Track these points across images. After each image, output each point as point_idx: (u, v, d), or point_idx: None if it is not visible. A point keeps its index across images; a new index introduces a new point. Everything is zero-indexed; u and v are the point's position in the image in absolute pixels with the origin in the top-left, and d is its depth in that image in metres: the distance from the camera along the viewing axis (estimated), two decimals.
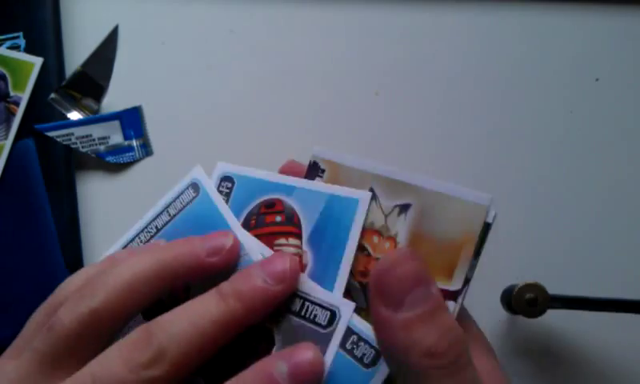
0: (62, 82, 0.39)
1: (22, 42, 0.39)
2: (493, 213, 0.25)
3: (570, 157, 0.41)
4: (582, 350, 0.39)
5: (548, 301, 0.35)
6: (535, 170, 0.41)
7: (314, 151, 0.28)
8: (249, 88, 0.41)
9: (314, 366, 0.23)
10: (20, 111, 0.38)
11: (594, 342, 0.39)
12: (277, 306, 0.24)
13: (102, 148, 0.39)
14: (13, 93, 0.39)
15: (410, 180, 0.25)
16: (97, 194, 0.40)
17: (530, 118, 0.41)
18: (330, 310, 0.25)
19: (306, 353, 0.23)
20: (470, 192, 0.25)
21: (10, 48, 0.39)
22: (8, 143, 0.38)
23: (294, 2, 0.42)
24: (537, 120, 0.41)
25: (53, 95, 0.39)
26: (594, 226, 0.40)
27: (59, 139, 0.38)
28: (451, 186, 0.25)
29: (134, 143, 0.40)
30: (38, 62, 0.39)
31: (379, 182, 0.26)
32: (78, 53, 0.40)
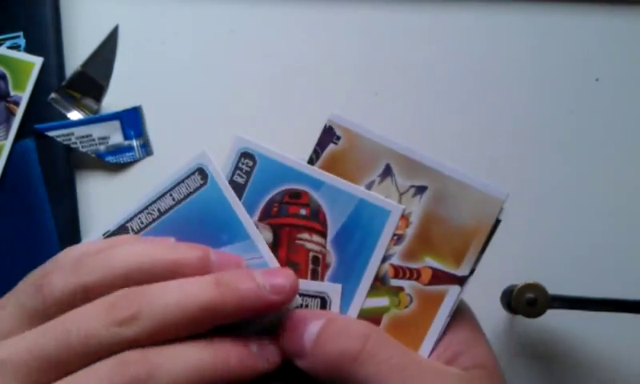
0: (62, 82, 0.39)
1: (22, 41, 0.39)
2: (504, 209, 0.25)
3: (570, 157, 0.41)
4: (582, 350, 0.39)
5: (548, 301, 0.35)
6: (535, 170, 0.41)
7: (331, 116, 0.27)
8: (249, 88, 0.41)
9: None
10: (20, 111, 0.38)
11: (593, 341, 0.39)
12: (264, 313, 0.24)
13: (102, 148, 0.39)
14: (13, 93, 0.39)
15: (429, 163, 0.25)
16: (97, 194, 0.40)
17: (530, 118, 0.41)
18: (320, 297, 0.25)
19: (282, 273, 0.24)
20: (489, 184, 0.25)
21: (10, 48, 0.39)
22: (8, 143, 0.38)
23: (294, 2, 0.42)
24: (537, 120, 0.41)
25: (53, 95, 0.39)
26: (594, 226, 0.40)
27: (59, 139, 0.38)
28: (470, 175, 0.25)
29: (134, 143, 0.40)
30: (38, 61, 0.39)
31: (396, 159, 0.25)
32: (78, 53, 0.40)
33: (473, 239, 0.25)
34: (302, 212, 0.25)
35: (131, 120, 0.40)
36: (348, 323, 0.24)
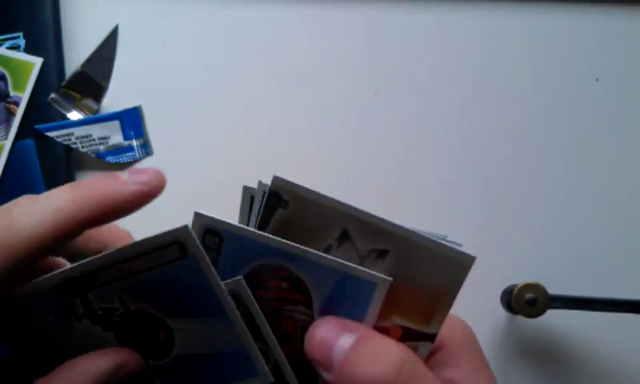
0: (62, 82, 0.39)
1: (21, 41, 0.39)
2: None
3: (570, 157, 0.41)
4: (582, 350, 0.39)
5: (548, 301, 0.35)
6: (535, 170, 0.41)
7: (275, 178, 0.24)
8: (249, 88, 0.41)
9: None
10: (20, 111, 0.38)
11: (593, 342, 0.39)
12: (131, 206, 0.23)
13: (102, 148, 0.39)
14: (13, 93, 0.39)
15: (389, 227, 0.23)
16: None
17: (530, 117, 0.41)
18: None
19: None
20: (454, 248, 0.23)
21: (10, 48, 0.39)
22: (8, 143, 0.38)
23: (294, 2, 0.42)
24: (537, 120, 0.41)
25: (53, 95, 0.39)
26: (594, 226, 0.40)
27: (59, 139, 0.38)
28: (433, 239, 0.23)
29: (134, 143, 0.40)
30: (37, 62, 0.39)
31: (353, 223, 0.24)
32: (78, 53, 0.40)
33: (441, 301, 0.24)
34: (284, 285, 0.24)
35: (131, 120, 0.40)
36: (383, 345, 0.23)
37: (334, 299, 0.24)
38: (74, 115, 0.39)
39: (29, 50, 0.39)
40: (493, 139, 0.41)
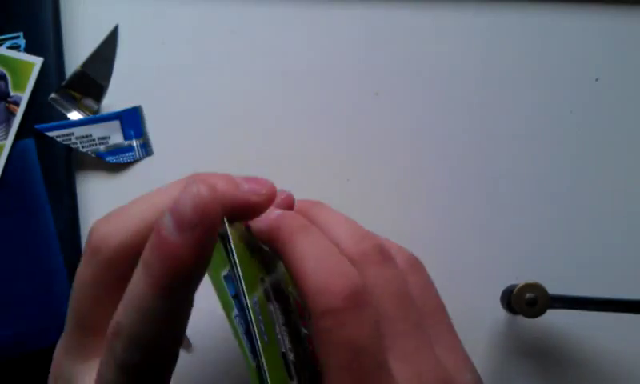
0: (62, 82, 0.39)
1: (22, 41, 0.39)
2: None
3: (570, 157, 0.41)
4: (582, 350, 0.39)
5: (548, 301, 0.35)
6: (535, 170, 0.41)
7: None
8: (249, 88, 0.41)
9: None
10: (20, 111, 0.38)
11: (594, 342, 0.39)
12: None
13: (102, 148, 0.39)
14: (13, 93, 0.39)
15: None
16: (97, 194, 0.40)
17: (530, 118, 0.41)
18: None
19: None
20: None
21: (10, 48, 0.39)
22: (8, 143, 0.38)
23: (294, 2, 0.42)
24: (537, 120, 0.41)
25: (53, 95, 0.39)
26: (594, 226, 0.40)
27: (59, 139, 0.38)
28: None
29: (134, 143, 0.40)
30: (38, 62, 0.39)
31: None
32: (78, 53, 0.40)
33: None
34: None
35: (131, 120, 0.40)
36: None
37: None
38: (74, 115, 0.39)
39: (29, 50, 0.39)
40: (493, 139, 0.41)
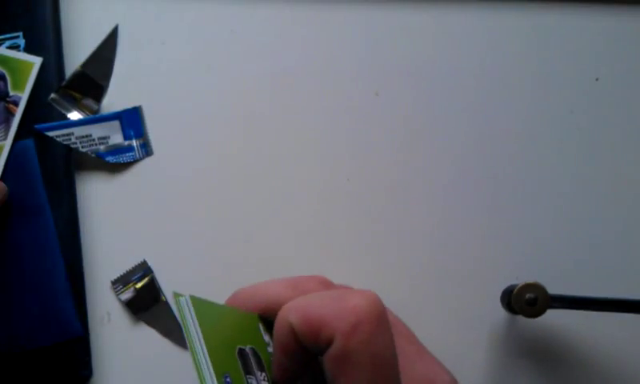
0: (62, 82, 0.39)
1: (21, 41, 0.39)
2: None
3: (570, 157, 0.41)
4: (582, 350, 0.39)
5: (548, 301, 0.35)
6: (535, 170, 0.41)
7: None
8: (249, 88, 0.41)
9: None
10: (19, 111, 0.38)
11: (594, 342, 0.39)
12: None
13: (101, 148, 0.39)
14: (12, 93, 0.39)
15: None
16: (97, 194, 0.40)
17: (530, 118, 0.41)
18: None
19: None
20: None
21: (10, 48, 0.39)
22: (8, 143, 0.38)
23: (294, 2, 0.42)
24: (537, 120, 0.41)
25: (53, 95, 0.39)
26: (594, 226, 0.40)
27: (59, 139, 0.38)
28: None
29: (134, 143, 0.40)
30: (37, 61, 0.39)
31: None
32: (78, 53, 0.40)
33: None
34: None
35: (131, 120, 0.40)
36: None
37: None
38: (74, 115, 0.39)
39: (29, 50, 0.39)
40: (493, 139, 0.41)
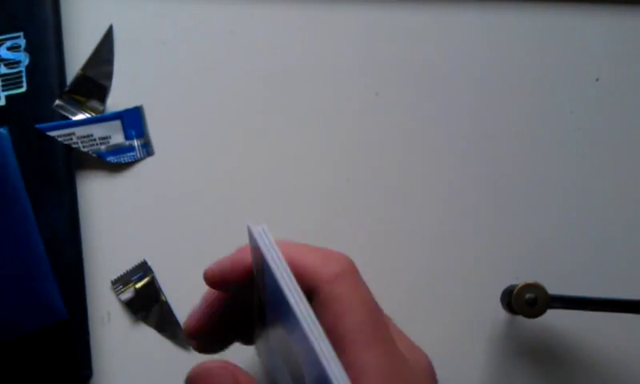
0: (62, 82, 0.39)
1: (22, 41, 0.39)
2: None
3: (570, 157, 0.41)
4: (582, 350, 0.39)
5: (548, 301, 0.35)
6: (535, 170, 0.41)
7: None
8: (249, 88, 0.41)
9: None
10: None
11: (593, 342, 0.39)
12: None
13: (103, 148, 0.39)
14: None
15: None
16: (97, 194, 0.40)
17: (530, 118, 0.41)
18: None
19: None
20: None
21: (10, 48, 0.39)
22: None
23: (294, 2, 0.42)
24: (537, 120, 0.41)
25: (58, 102, 0.39)
26: (594, 226, 0.40)
27: (60, 139, 0.38)
28: None
29: (135, 143, 0.40)
30: None
31: None
32: (78, 53, 0.40)
33: None
34: None
35: (132, 120, 0.40)
36: None
37: None
38: (79, 117, 0.39)
39: (29, 50, 0.39)
40: (493, 139, 0.41)
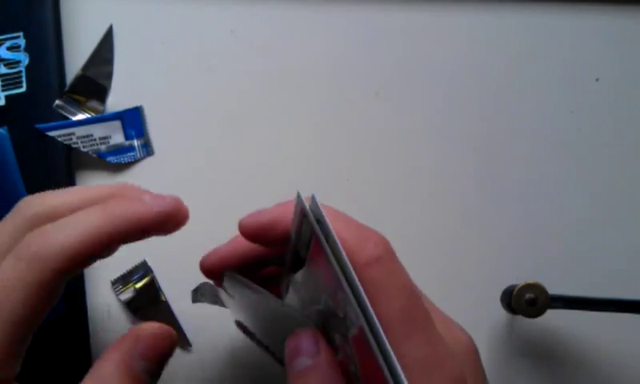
0: (62, 82, 0.39)
1: (22, 41, 0.39)
2: None
3: (570, 157, 0.41)
4: (582, 350, 0.39)
5: (548, 301, 0.35)
6: (535, 170, 0.41)
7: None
8: (249, 88, 0.41)
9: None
10: None
11: (593, 342, 0.39)
12: (152, 229, 0.25)
13: (103, 148, 0.39)
14: None
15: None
16: None
17: (530, 118, 0.41)
18: None
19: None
20: None
21: (10, 48, 0.39)
22: None
23: (294, 1, 0.42)
24: (537, 120, 0.41)
25: (58, 102, 0.39)
26: (594, 226, 0.40)
27: (60, 139, 0.38)
28: None
29: (135, 143, 0.40)
30: None
31: None
32: (78, 53, 0.40)
33: None
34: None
35: (132, 120, 0.40)
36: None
37: None
38: (79, 117, 0.39)
39: (29, 50, 0.39)
40: (493, 139, 0.41)
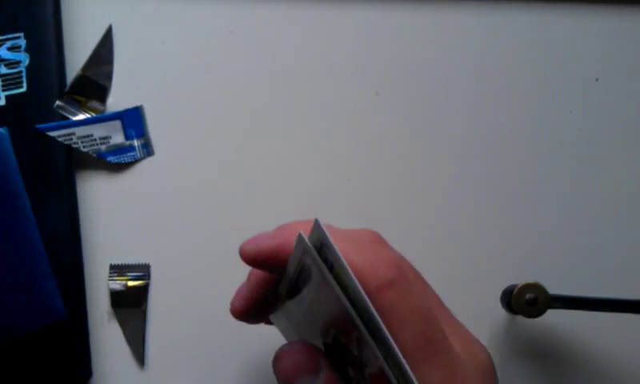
0: (62, 82, 0.39)
1: (22, 41, 0.39)
2: None
3: (570, 157, 0.41)
4: (582, 350, 0.39)
5: (548, 301, 0.35)
6: (535, 170, 0.41)
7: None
8: (249, 88, 0.41)
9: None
10: None
11: (594, 341, 0.39)
12: None
13: (103, 148, 0.39)
14: None
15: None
16: (97, 194, 0.40)
17: (530, 118, 0.41)
18: None
19: None
20: None
21: (11, 48, 0.39)
22: None
23: (294, 2, 0.42)
24: (537, 120, 0.41)
25: (58, 102, 0.39)
26: (594, 226, 0.40)
27: (61, 139, 0.38)
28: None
29: (135, 143, 0.40)
30: None
31: None
32: (78, 53, 0.40)
33: None
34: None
35: (132, 120, 0.40)
36: None
37: None
38: (79, 117, 0.39)
39: (29, 50, 0.39)
40: (493, 139, 0.41)
